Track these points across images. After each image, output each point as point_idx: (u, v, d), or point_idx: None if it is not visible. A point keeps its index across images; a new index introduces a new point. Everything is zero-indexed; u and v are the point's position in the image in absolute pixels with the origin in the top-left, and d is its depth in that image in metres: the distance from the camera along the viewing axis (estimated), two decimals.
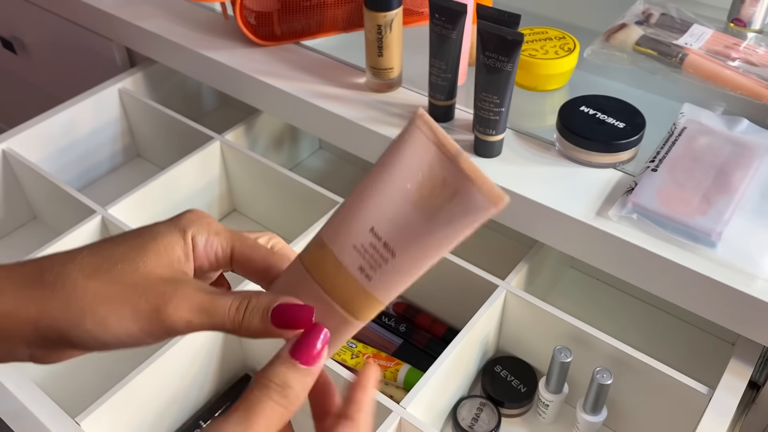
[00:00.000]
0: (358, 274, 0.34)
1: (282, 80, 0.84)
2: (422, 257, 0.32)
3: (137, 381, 0.65)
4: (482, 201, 0.31)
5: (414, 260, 0.32)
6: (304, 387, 0.33)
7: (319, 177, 1.07)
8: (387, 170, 0.33)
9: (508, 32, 0.62)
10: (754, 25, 0.83)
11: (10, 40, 1.31)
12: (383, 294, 0.34)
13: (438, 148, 0.32)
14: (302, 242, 0.78)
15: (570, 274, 0.91)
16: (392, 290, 0.33)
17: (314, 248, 0.35)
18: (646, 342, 0.80)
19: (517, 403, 0.74)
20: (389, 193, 0.33)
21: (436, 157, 0.32)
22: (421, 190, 0.32)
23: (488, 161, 0.71)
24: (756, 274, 0.59)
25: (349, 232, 0.34)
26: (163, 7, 1.00)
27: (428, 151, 0.32)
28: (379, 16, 0.73)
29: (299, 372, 0.33)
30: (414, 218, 0.32)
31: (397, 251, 0.33)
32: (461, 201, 0.31)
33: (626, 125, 0.69)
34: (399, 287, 0.33)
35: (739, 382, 0.63)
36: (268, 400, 0.32)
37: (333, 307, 0.34)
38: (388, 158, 0.33)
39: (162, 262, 0.35)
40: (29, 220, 1.01)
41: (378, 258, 0.33)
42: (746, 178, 0.65)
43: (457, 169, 0.31)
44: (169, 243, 0.35)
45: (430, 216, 0.32)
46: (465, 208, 0.31)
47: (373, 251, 0.33)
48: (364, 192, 0.33)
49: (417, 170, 0.32)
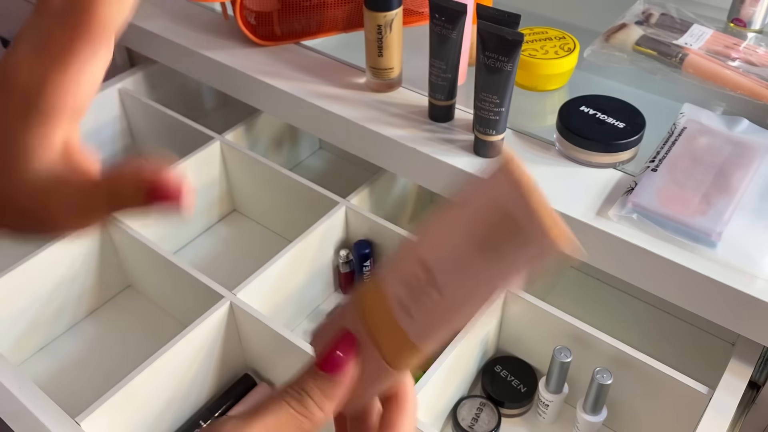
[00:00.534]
0: (396, 306, 0.30)
1: (282, 80, 0.84)
2: (471, 301, 0.29)
3: (137, 381, 0.65)
4: (548, 245, 0.27)
5: (461, 302, 0.29)
6: (326, 395, 0.30)
7: (319, 177, 1.07)
8: (460, 204, 0.30)
9: (508, 32, 0.62)
10: (754, 25, 0.83)
11: (11, 41, 1.31)
12: (418, 335, 0.30)
13: (518, 187, 0.28)
14: (302, 242, 0.78)
15: (570, 274, 0.91)
16: (430, 332, 0.30)
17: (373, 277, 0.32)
18: (646, 342, 0.80)
19: (517, 403, 0.74)
20: (454, 227, 0.30)
21: (514, 195, 0.28)
22: (488, 229, 0.28)
23: (488, 161, 0.71)
24: (756, 273, 0.59)
25: (400, 261, 0.31)
26: (163, 7, 1.00)
27: (507, 189, 0.28)
28: (379, 16, 0.73)
29: (320, 378, 0.30)
30: (473, 258, 0.29)
31: (444, 289, 0.29)
32: (527, 243, 0.28)
33: (626, 125, 0.69)
34: (439, 330, 0.29)
35: (739, 382, 0.63)
36: (282, 401, 0.30)
37: (366, 340, 0.31)
38: (467, 190, 0.30)
39: None
40: None
41: (422, 292, 0.30)
42: (746, 178, 0.65)
43: (530, 210, 0.27)
44: None
45: (491, 257, 0.28)
46: (529, 251, 0.28)
47: (417, 284, 0.30)
48: (433, 223, 0.31)
49: (490, 206, 0.29)
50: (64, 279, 0.82)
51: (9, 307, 0.78)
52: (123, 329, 0.86)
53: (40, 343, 0.84)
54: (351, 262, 0.86)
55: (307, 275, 0.83)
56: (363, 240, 0.84)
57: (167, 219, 0.32)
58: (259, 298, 0.75)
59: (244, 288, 0.73)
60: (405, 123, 0.77)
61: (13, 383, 0.64)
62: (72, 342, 0.85)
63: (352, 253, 0.85)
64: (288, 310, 0.83)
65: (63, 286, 0.82)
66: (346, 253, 0.85)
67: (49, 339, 0.85)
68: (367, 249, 0.83)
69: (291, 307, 0.83)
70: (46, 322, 0.83)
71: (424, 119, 0.77)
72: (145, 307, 0.89)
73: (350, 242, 0.86)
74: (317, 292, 0.87)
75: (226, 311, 0.72)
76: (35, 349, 0.84)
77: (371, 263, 0.85)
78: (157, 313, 0.88)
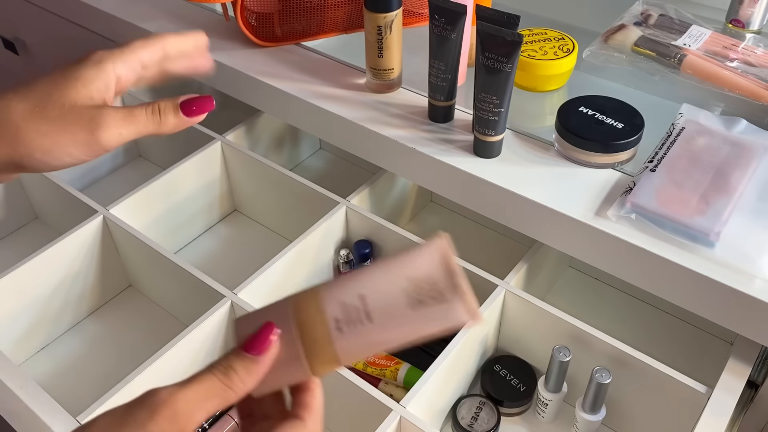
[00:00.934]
0: (333, 324, 0.37)
1: (283, 81, 0.84)
2: (393, 335, 0.37)
3: (138, 380, 0.65)
4: (461, 314, 0.37)
5: (385, 334, 0.37)
6: (248, 372, 0.36)
7: (319, 177, 1.07)
8: (398, 262, 0.38)
9: (508, 33, 0.62)
10: (753, 25, 0.83)
11: (12, 41, 1.31)
12: (344, 351, 0.37)
13: (446, 264, 0.38)
14: (303, 242, 0.79)
15: (569, 273, 0.91)
16: (353, 351, 0.37)
17: (308, 292, 0.39)
18: (645, 341, 0.80)
19: (517, 402, 0.74)
20: (391, 278, 0.38)
21: (442, 270, 0.38)
22: (417, 288, 0.37)
23: (487, 161, 0.72)
24: (754, 273, 0.59)
25: (342, 291, 0.38)
26: (164, 9, 1.00)
27: (437, 262, 0.38)
28: (379, 17, 0.74)
29: (245, 358, 0.36)
30: (401, 304, 0.37)
31: (375, 320, 0.37)
32: (446, 307, 0.37)
33: (625, 126, 0.69)
34: (361, 351, 0.37)
35: (737, 381, 0.63)
36: (210, 374, 0.35)
37: (295, 342, 0.37)
38: (404, 254, 0.39)
39: (84, 95, 0.41)
40: (31, 220, 1.02)
41: (356, 318, 0.37)
42: (744, 178, 0.65)
43: (454, 284, 0.37)
44: (87, 78, 0.42)
45: (415, 308, 0.37)
46: (446, 313, 0.37)
47: (354, 312, 0.37)
48: (372, 269, 0.39)
49: (422, 272, 0.38)
50: (66, 278, 0.82)
51: (10, 306, 0.78)
52: (124, 329, 0.87)
53: (42, 343, 0.84)
54: (351, 261, 0.86)
55: (308, 275, 0.83)
56: (363, 240, 0.84)
57: None
58: (260, 297, 0.75)
59: (245, 288, 0.73)
60: (405, 123, 0.77)
61: (14, 382, 0.65)
62: (73, 341, 0.85)
63: (352, 253, 0.85)
64: None
65: (64, 286, 0.83)
66: (346, 253, 0.85)
67: (51, 338, 0.85)
68: (367, 249, 0.83)
69: None
70: (48, 321, 0.83)
71: (424, 120, 0.77)
72: (146, 307, 0.89)
73: (350, 242, 0.87)
74: None
75: (227, 311, 0.73)
76: (37, 349, 0.84)
77: (371, 263, 0.85)
78: (158, 312, 0.88)
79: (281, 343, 0.37)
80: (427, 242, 0.39)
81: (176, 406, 0.34)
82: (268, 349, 0.37)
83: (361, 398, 0.65)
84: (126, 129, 0.42)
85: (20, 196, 0.98)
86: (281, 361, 0.37)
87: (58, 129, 0.40)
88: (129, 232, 0.81)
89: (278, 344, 0.37)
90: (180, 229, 0.95)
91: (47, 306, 0.82)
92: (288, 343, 0.37)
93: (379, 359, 0.77)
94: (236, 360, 0.36)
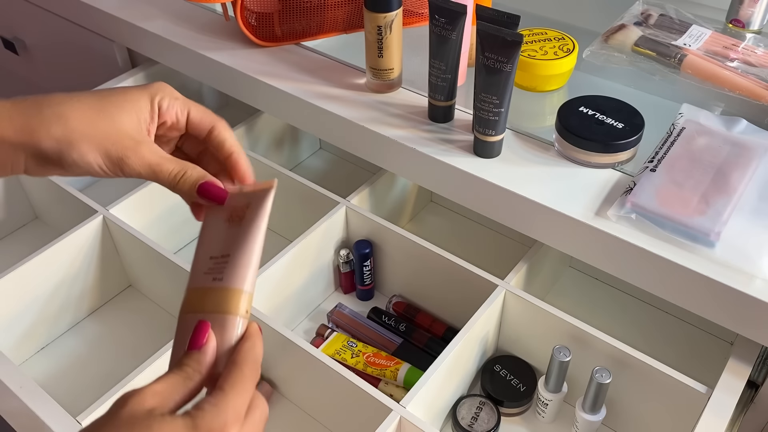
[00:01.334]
0: (210, 282, 0.45)
1: (282, 81, 0.84)
2: (249, 245, 0.45)
3: (138, 380, 0.65)
4: (261, 193, 0.47)
5: (244, 250, 0.45)
6: (198, 362, 0.41)
7: (319, 177, 1.07)
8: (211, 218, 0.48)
9: (508, 33, 0.62)
10: (753, 25, 0.83)
11: (12, 41, 1.31)
12: (235, 282, 0.44)
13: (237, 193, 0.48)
14: (303, 242, 0.79)
15: (569, 273, 0.91)
16: (240, 276, 0.44)
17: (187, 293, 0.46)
18: (645, 341, 0.80)
19: (517, 402, 0.74)
20: (213, 231, 0.47)
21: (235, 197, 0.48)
22: (231, 216, 0.47)
23: (488, 161, 0.72)
24: (754, 273, 0.59)
25: (197, 267, 0.46)
26: (164, 8, 1.00)
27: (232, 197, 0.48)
28: (379, 17, 0.74)
29: (192, 354, 0.42)
30: (232, 231, 0.46)
31: (230, 253, 0.45)
32: (253, 203, 0.46)
33: (625, 125, 0.69)
34: (245, 272, 0.44)
35: (737, 381, 0.63)
36: (170, 373, 0.41)
37: (208, 317, 0.43)
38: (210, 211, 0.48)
39: (132, 119, 0.46)
40: (31, 219, 1.02)
41: (221, 265, 0.45)
42: (745, 178, 0.65)
43: (243, 193, 0.48)
44: (140, 106, 0.47)
45: (241, 222, 0.46)
46: (257, 202, 0.46)
47: (215, 265, 0.45)
48: (200, 242, 0.48)
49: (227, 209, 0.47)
50: (66, 278, 0.82)
51: (11, 306, 0.78)
52: (124, 329, 0.87)
53: (42, 343, 0.84)
54: (351, 261, 0.86)
55: (308, 275, 0.83)
56: (363, 240, 0.84)
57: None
58: (260, 297, 0.75)
59: None
60: (405, 123, 0.77)
61: (14, 382, 0.65)
62: (73, 341, 0.85)
63: (352, 253, 0.85)
64: (288, 310, 0.83)
65: (64, 286, 0.83)
66: (346, 253, 0.85)
67: (51, 338, 0.85)
68: (367, 249, 0.83)
69: (291, 306, 0.83)
70: (48, 321, 0.83)
71: (424, 120, 0.77)
72: (146, 307, 0.89)
73: (350, 242, 0.87)
74: (317, 292, 0.87)
75: None
76: (37, 349, 0.84)
77: (371, 263, 0.85)
78: (158, 312, 0.88)
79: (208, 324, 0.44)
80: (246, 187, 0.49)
81: (144, 401, 0.38)
82: (203, 339, 0.42)
83: (361, 398, 0.65)
84: (146, 174, 0.47)
85: (20, 196, 0.98)
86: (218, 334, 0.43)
87: (99, 141, 0.45)
88: (129, 232, 0.81)
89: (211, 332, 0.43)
90: (180, 229, 0.95)
91: (47, 306, 0.82)
92: (211, 321, 0.43)
93: (379, 359, 0.77)
94: (186, 358, 0.42)
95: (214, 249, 0.46)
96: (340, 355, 0.78)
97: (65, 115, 0.45)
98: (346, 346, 0.79)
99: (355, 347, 0.79)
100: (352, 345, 0.79)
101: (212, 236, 0.47)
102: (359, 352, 0.78)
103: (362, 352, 0.78)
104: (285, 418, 0.77)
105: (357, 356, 0.78)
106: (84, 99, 0.46)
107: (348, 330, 0.84)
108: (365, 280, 0.86)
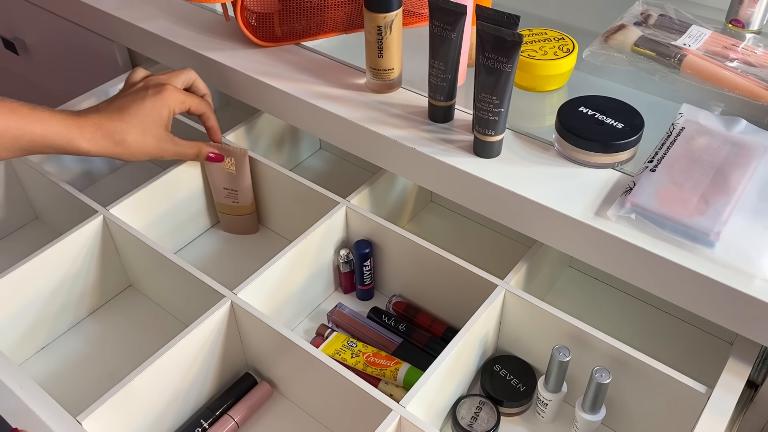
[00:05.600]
0: (231, 202, 0.90)
1: (282, 81, 0.84)
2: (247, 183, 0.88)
3: (138, 380, 0.65)
4: (241, 153, 0.87)
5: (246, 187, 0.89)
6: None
7: (319, 177, 1.07)
8: (212, 167, 0.89)
9: (508, 33, 0.62)
10: (753, 25, 0.84)
11: (12, 41, 1.32)
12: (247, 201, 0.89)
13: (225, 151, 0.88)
14: (303, 242, 0.79)
15: (569, 273, 0.91)
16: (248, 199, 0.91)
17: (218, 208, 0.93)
18: (645, 341, 0.80)
19: (516, 402, 0.74)
20: (217, 174, 0.89)
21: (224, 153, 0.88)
22: (224, 167, 0.87)
23: (487, 161, 0.72)
24: (754, 273, 0.59)
25: (218, 193, 0.90)
26: (164, 8, 1.00)
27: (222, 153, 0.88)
28: (379, 17, 0.74)
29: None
30: (233, 176, 0.88)
31: (237, 189, 0.88)
32: (236, 160, 0.87)
33: (625, 126, 0.69)
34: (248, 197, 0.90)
35: (737, 381, 0.63)
36: None
37: None
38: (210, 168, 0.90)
39: (161, 121, 0.79)
40: (31, 220, 1.02)
41: (234, 193, 0.90)
42: (744, 178, 0.65)
43: (225, 149, 0.87)
44: (163, 111, 0.79)
45: (234, 172, 0.88)
46: (240, 159, 0.87)
47: (229, 194, 0.90)
48: (211, 179, 0.91)
49: (222, 166, 0.88)
50: (66, 278, 0.82)
51: (11, 306, 0.78)
52: (124, 328, 0.87)
53: (42, 343, 0.84)
54: (351, 261, 0.86)
55: (308, 275, 0.83)
56: (363, 240, 0.84)
57: None
58: (260, 297, 0.75)
59: (244, 287, 0.73)
60: (405, 123, 0.77)
61: (14, 382, 0.65)
62: (73, 341, 0.85)
63: (352, 253, 0.85)
64: (288, 310, 0.83)
65: (64, 286, 0.83)
66: (346, 253, 0.85)
67: (51, 338, 0.85)
68: (367, 249, 0.83)
69: (291, 306, 0.83)
70: (48, 321, 0.83)
71: (424, 120, 0.77)
72: (146, 307, 0.89)
73: (350, 242, 0.87)
74: (317, 292, 0.88)
75: (227, 311, 0.73)
76: (37, 349, 0.84)
77: (371, 263, 0.85)
78: (159, 312, 0.88)
79: None
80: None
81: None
82: None
83: (361, 398, 0.65)
84: (174, 158, 0.84)
85: (20, 196, 0.98)
86: None
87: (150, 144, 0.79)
88: (129, 232, 0.81)
89: None
90: (180, 229, 0.95)
91: (47, 306, 0.82)
92: None
93: (378, 359, 0.77)
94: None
95: (224, 184, 0.90)
96: (340, 355, 0.78)
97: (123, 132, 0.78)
98: (346, 346, 0.79)
99: (355, 347, 0.79)
100: (352, 345, 0.79)
101: (219, 177, 0.89)
102: (359, 352, 0.78)
103: (362, 352, 0.78)
104: (285, 418, 0.77)
105: (357, 356, 0.78)
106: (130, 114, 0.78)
107: (348, 330, 0.84)
108: (365, 280, 0.87)
